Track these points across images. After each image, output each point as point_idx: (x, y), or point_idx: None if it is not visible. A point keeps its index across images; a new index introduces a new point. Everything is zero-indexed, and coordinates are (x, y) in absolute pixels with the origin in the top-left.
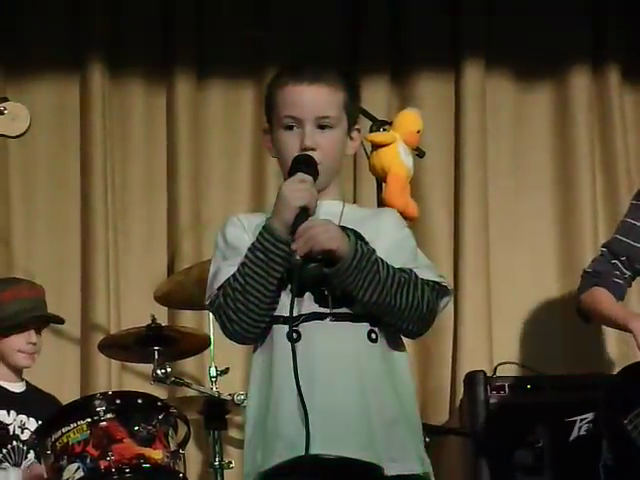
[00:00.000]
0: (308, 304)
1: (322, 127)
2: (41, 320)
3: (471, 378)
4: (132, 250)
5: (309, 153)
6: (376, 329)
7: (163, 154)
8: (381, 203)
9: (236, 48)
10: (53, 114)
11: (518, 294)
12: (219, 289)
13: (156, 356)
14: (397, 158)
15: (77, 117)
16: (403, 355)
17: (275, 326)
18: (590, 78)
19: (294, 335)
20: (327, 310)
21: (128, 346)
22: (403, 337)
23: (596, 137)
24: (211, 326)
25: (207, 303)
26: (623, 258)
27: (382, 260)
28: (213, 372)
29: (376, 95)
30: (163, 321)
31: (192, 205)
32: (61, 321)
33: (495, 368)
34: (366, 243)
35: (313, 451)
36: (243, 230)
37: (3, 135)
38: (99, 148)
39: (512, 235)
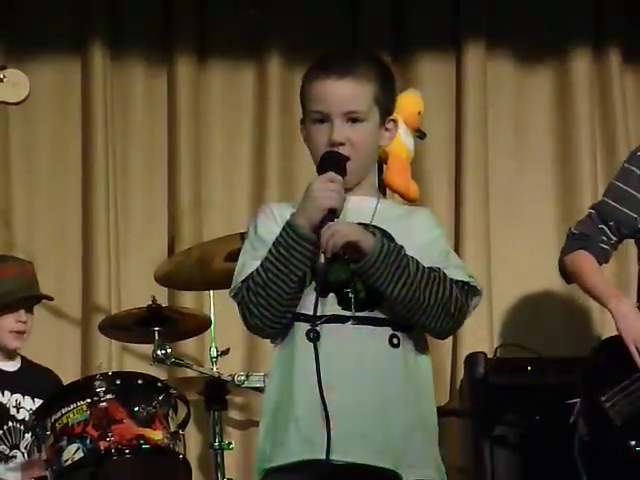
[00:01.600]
0: (331, 305)
1: (352, 121)
2: (31, 299)
3: (471, 359)
4: (133, 231)
5: (338, 149)
6: (398, 334)
7: (164, 135)
8: (382, 184)
9: (236, 30)
10: (54, 95)
11: (518, 276)
12: (243, 282)
13: (156, 337)
14: (398, 139)
15: (78, 98)
16: (426, 359)
17: (296, 323)
18: (591, 59)
19: (312, 335)
20: (349, 313)
21: (128, 327)
22: (432, 337)
23: (597, 118)
24: (211, 307)
25: (231, 295)
26: (611, 223)
27: (411, 257)
28: (213, 353)
29: None
30: (163, 302)
31: (193, 186)
32: (50, 298)
33: (496, 350)
34: (394, 242)
35: (331, 455)
36: (274, 222)
37: (3, 102)
38: (100, 129)
39: (513, 217)
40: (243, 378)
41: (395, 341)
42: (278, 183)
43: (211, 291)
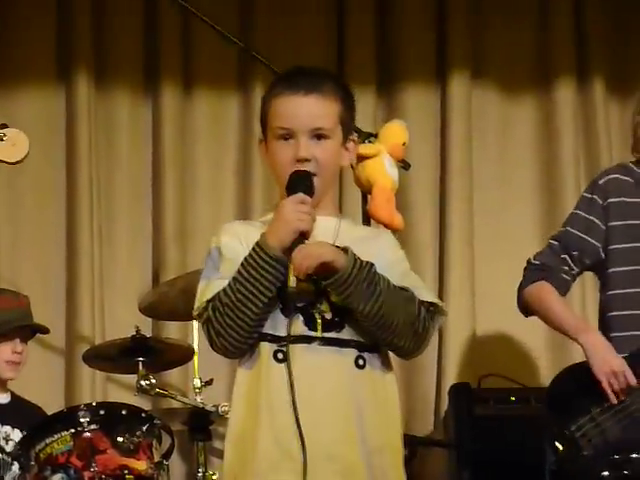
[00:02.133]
0: (297, 326)
1: (317, 138)
2: (26, 330)
3: (456, 390)
4: (117, 260)
5: (304, 166)
6: (365, 354)
7: (149, 165)
8: (366, 215)
9: (221, 60)
10: (39, 125)
11: (503, 306)
12: (209, 302)
13: (140, 367)
14: (382, 170)
15: (63, 128)
16: (391, 380)
17: (262, 343)
18: (575, 90)
19: (280, 355)
20: (316, 334)
21: (112, 357)
22: (397, 356)
23: (581, 148)
24: (195, 337)
25: (195, 314)
26: (575, 253)
27: (381, 275)
28: (197, 383)
29: (362, 107)
30: (148, 332)
31: (177, 216)
32: (46, 331)
33: (479, 380)
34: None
35: (295, 477)
36: (238, 241)
37: (2, 161)
38: (85, 159)
39: (497, 247)
40: (227, 408)
41: (361, 362)
42: (263, 213)
43: (195, 321)
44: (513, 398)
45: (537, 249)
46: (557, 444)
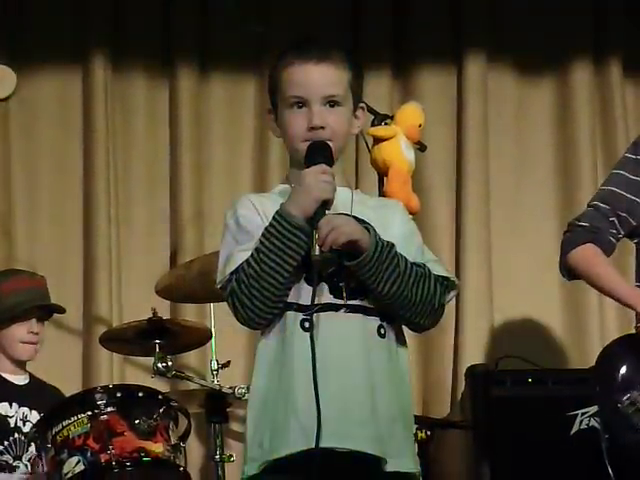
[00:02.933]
0: (322, 294)
1: (330, 105)
2: (42, 310)
3: (473, 372)
4: (134, 243)
5: (319, 135)
6: (385, 324)
7: (165, 146)
8: (383, 197)
9: (238, 42)
10: (56, 106)
11: (520, 287)
12: (232, 274)
13: (157, 349)
14: (399, 152)
15: (80, 109)
16: (405, 352)
17: (288, 313)
18: (591, 71)
19: (307, 324)
20: (341, 302)
21: (129, 339)
22: (411, 331)
23: (598, 130)
24: (212, 319)
25: (218, 287)
26: (624, 214)
27: (400, 254)
28: (214, 365)
29: (378, 89)
30: (165, 314)
31: (194, 198)
32: (62, 310)
33: (497, 362)
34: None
35: (324, 442)
36: (256, 212)
37: None
38: (101, 140)
39: (514, 229)
40: (244, 390)
41: (382, 331)
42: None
43: (212, 304)
44: (530, 380)
45: (554, 232)
46: (609, 419)
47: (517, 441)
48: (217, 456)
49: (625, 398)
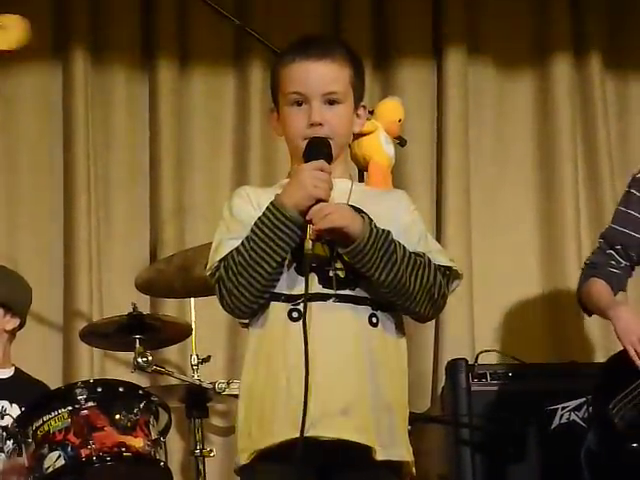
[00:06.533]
0: (312, 284)
1: (330, 103)
2: None
3: (453, 366)
4: (114, 238)
5: (318, 132)
6: (377, 313)
7: (145, 141)
8: None
9: (218, 37)
10: (36, 100)
11: (500, 282)
12: (221, 261)
13: (137, 344)
14: (378, 147)
15: (59, 105)
16: (402, 342)
17: (275, 303)
18: (571, 65)
19: (295, 314)
20: (331, 291)
21: (109, 334)
22: (414, 320)
23: (578, 124)
24: (192, 314)
25: (207, 274)
26: (618, 247)
27: (398, 242)
28: (194, 360)
29: None
30: (145, 309)
31: (174, 192)
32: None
33: (477, 356)
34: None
35: (310, 431)
36: (250, 203)
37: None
38: (82, 134)
39: (494, 223)
40: (224, 385)
41: (374, 320)
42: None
43: (192, 298)
44: (510, 374)
45: (534, 225)
46: (597, 425)
47: (497, 435)
48: (197, 451)
49: (612, 405)
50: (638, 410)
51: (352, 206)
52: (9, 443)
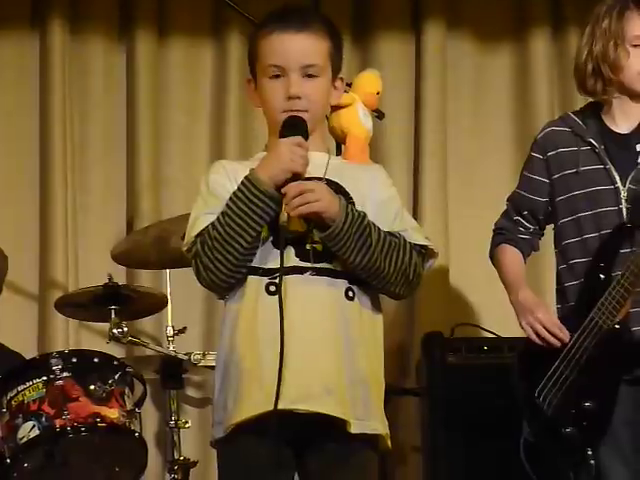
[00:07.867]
0: (289, 258)
1: (308, 76)
2: None
3: (428, 339)
4: (91, 208)
5: (296, 105)
6: (354, 287)
7: (123, 112)
8: None
9: (196, 8)
10: (12, 71)
11: (476, 256)
12: (197, 236)
13: (113, 315)
14: (356, 120)
15: (36, 74)
16: (378, 317)
17: (252, 277)
18: (550, 40)
19: (272, 288)
20: (308, 264)
21: (85, 305)
22: (390, 298)
23: (556, 98)
24: (168, 286)
25: (184, 249)
26: (525, 212)
27: (373, 224)
28: (170, 331)
29: None
30: (121, 280)
31: (151, 164)
32: None
33: (453, 329)
34: (353, 204)
35: (284, 405)
36: (227, 177)
37: None
38: (58, 106)
39: (472, 196)
40: (199, 357)
41: (350, 294)
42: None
43: (168, 270)
44: (486, 347)
45: None
46: (528, 415)
47: (472, 409)
48: (172, 422)
49: (537, 392)
50: (564, 394)
51: (329, 181)
52: None
